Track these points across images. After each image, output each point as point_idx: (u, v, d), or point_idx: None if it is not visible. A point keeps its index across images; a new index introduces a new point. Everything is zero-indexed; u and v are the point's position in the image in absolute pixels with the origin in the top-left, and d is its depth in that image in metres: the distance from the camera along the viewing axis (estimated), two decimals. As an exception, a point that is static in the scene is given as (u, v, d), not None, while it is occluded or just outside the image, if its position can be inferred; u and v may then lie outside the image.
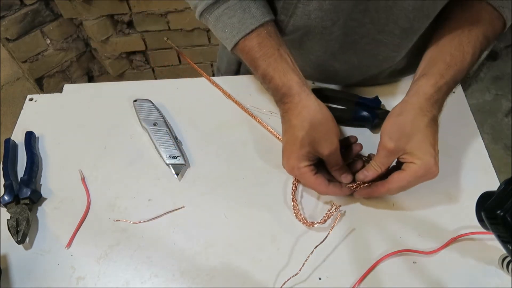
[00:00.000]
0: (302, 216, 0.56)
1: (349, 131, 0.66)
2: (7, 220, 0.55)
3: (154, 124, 0.66)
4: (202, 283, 0.52)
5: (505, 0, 0.55)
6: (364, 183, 0.55)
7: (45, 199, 0.60)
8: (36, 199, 0.59)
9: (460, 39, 0.55)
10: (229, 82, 0.74)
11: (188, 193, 0.60)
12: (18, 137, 0.67)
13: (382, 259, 0.52)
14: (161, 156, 0.63)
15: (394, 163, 0.55)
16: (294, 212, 0.57)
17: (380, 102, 0.65)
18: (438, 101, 0.53)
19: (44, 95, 0.74)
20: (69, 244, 0.56)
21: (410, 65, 0.67)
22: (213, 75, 0.87)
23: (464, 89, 0.69)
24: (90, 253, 0.55)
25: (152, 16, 1.59)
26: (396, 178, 0.52)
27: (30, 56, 1.58)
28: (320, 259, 0.53)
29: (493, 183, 0.58)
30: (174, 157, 0.62)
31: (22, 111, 0.71)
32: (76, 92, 0.74)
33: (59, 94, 0.74)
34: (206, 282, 0.52)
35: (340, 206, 0.57)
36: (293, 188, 0.58)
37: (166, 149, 0.63)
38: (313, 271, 0.52)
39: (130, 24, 1.64)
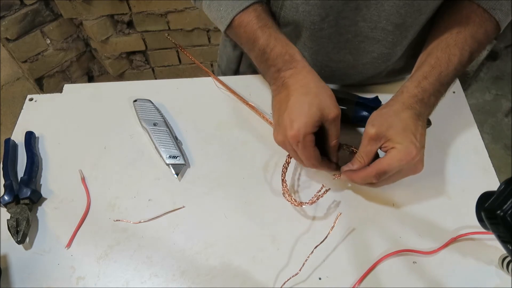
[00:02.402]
0: (292, 197, 0.56)
1: (349, 131, 0.66)
2: (7, 220, 0.55)
3: (154, 124, 0.66)
4: (202, 283, 0.52)
5: (498, 1, 0.55)
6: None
7: (45, 199, 0.60)
8: (36, 199, 0.59)
9: (447, 42, 0.55)
10: (227, 81, 0.74)
11: (188, 193, 0.60)
12: (18, 137, 0.67)
13: (382, 259, 0.52)
14: (161, 156, 0.63)
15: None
16: (283, 191, 0.57)
17: (380, 102, 0.65)
18: (424, 100, 0.53)
19: (44, 95, 0.74)
20: (69, 244, 0.56)
21: (408, 65, 0.67)
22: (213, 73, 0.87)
23: (464, 89, 0.69)
24: (90, 253, 0.55)
25: (152, 16, 1.59)
26: (376, 162, 0.51)
27: (30, 56, 1.58)
28: (320, 259, 0.53)
29: (493, 183, 0.59)
30: (174, 157, 0.62)
31: (22, 111, 0.71)
32: (76, 92, 0.74)
33: (59, 94, 0.74)
34: (206, 282, 0.52)
35: (329, 189, 0.56)
36: (285, 165, 0.58)
37: (166, 149, 0.63)
38: (313, 271, 0.52)
39: (130, 24, 1.64)
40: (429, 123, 0.62)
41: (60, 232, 0.57)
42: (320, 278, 0.52)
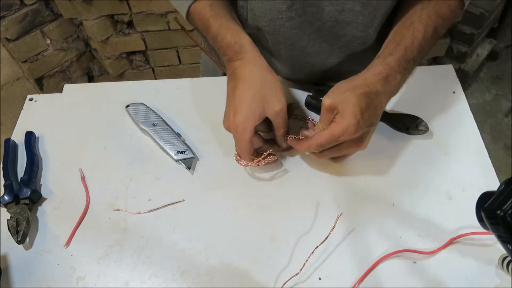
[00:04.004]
0: (239, 160, 0.58)
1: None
2: (7, 220, 0.55)
3: (154, 125, 0.66)
4: (202, 283, 0.52)
5: None
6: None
7: (45, 199, 0.60)
8: (36, 199, 0.59)
9: (411, 19, 0.56)
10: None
11: (188, 193, 0.60)
12: (18, 137, 0.67)
13: (382, 259, 0.52)
14: (168, 154, 0.63)
15: None
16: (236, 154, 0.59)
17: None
18: (388, 78, 0.53)
19: (44, 95, 0.74)
20: (68, 243, 0.56)
21: None
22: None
23: (464, 89, 0.69)
24: (90, 253, 0.55)
25: (152, 16, 1.59)
26: (317, 135, 0.53)
27: (30, 56, 1.58)
28: (320, 259, 0.53)
29: (493, 183, 0.58)
30: (182, 152, 0.62)
31: (22, 111, 0.71)
32: (76, 92, 0.74)
33: (59, 94, 0.74)
34: (206, 282, 0.52)
35: (275, 155, 0.59)
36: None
37: (172, 146, 0.63)
38: (313, 271, 0.52)
39: (130, 24, 1.64)
40: (426, 128, 0.62)
41: (60, 232, 0.57)
42: (320, 278, 0.52)
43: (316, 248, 0.52)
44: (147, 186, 0.61)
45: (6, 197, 0.57)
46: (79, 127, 0.69)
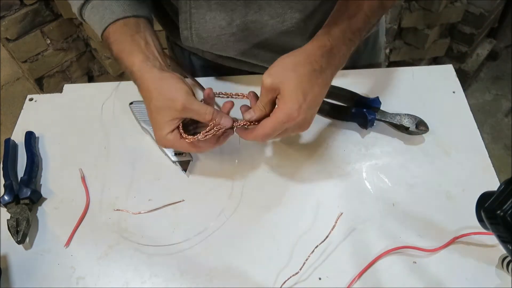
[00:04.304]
0: (186, 136, 0.54)
1: (346, 128, 0.66)
2: (7, 220, 0.55)
3: (154, 124, 0.66)
4: (202, 283, 0.52)
5: None
6: (250, 122, 0.53)
7: (45, 199, 0.60)
8: (36, 199, 0.59)
9: None
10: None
11: (188, 193, 0.60)
12: (18, 137, 0.67)
13: (382, 255, 0.52)
14: (166, 154, 0.63)
15: None
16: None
17: (380, 103, 0.65)
18: (333, 50, 0.51)
19: (44, 95, 0.74)
20: (67, 243, 0.56)
21: None
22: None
23: (464, 89, 0.69)
24: (90, 253, 0.55)
25: (152, 16, 1.59)
26: (262, 124, 0.51)
27: (30, 56, 1.58)
28: (320, 259, 0.53)
29: (493, 183, 0.58)
30: (180, 154, 0.62)
31: (22, 111, 0.71)
32: (76, 92, 0.74)
33: (59, 94, 0.74)
34: (206, 282, 0.52)
35: (219, 125, 0.53)
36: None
37: None
38: (313, 271, 0.52)
39: (130, 24, 1.64)
40: (426, 128, 0.62)
41: (60, 232, 0.57)
42: (320, 278, 0.52)
43: (316, 247, 0.52)
44: (147, 186, 0.61)
45: (6, 197, 0.57)
46: (79, 127, 0.69)
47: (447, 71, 0.73)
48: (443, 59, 1.81)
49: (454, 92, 0.70)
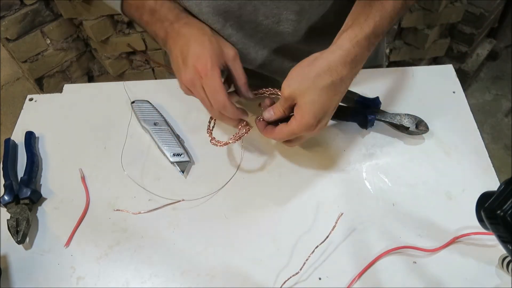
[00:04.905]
0: (215, 139, 0.58)
1: (346, 127, 0.66)
2: (7, 220, 0.55)
3: (155, 124, 0.66)
4: (202, 283, 0.52)
5: None
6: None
7: (45, 199, 0.60)
8: (36, 199, 0.59)
9: None
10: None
11: (188, 193, 0.60)
12: (18, 137, 0.67)
13: (382, 255, 0.52)
14: (164, 155, 0.63)
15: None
16: (208, 135, 0.59)
17: (380, 103, 0.65)
18: (356, 58, 0.50)
19: (44, 95, 0.74)
20: (68, 243, 0.56)
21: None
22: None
23: (464, 89, 0.69)
24: (90, 253, 0.55)
25: (152, 16, 1.59)
26: (279, 130, 0.53)
27: (30, 56, 1.58)
28: (321, 259, 0.53)
29: (493, 183, 0.58)
30: (178, 154, 0.62)
31: (22, 111, 0.71)
32: (76, 92, 0.74)
33: (59, 94, 0.74)
34: (206, 282, 0.52)
35: (251, 127, 0.58)
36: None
37: (169, 147, 0.63)
38: (313, 271, 0.52)
39: (130, 24, 1.64)
40: (426, 128, 0.62)
41: (60, 232, 0.57)
42: (320, 278, 0.52)
43: (316, 247, 0.52)
44: (147, 186, 0.61)
45: (6, 197, 0.57)
46: (79, 127, 0.69)
47: (447, 71, 0.73)
48: (443, 59, 1.81)
49: (454, 92, 0.70)
